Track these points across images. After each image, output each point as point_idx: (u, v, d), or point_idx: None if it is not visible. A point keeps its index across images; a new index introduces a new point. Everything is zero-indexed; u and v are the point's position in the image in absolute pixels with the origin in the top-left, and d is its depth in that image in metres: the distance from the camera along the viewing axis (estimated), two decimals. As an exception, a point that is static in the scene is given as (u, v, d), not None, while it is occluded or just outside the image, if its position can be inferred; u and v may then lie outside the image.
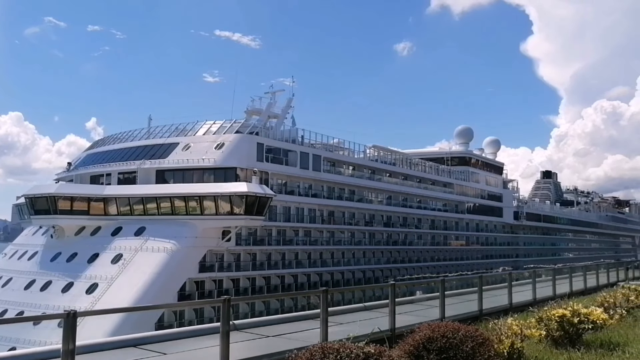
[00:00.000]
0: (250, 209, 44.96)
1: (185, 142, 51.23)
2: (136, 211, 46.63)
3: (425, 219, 77.17)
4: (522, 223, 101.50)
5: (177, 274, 43.17)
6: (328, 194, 60.61)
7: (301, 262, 55.72)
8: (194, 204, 45.55)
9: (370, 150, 71.44)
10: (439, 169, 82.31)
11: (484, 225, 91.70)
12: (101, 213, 47.06)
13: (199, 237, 45.17)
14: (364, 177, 66.09)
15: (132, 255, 42.73)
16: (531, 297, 17.66)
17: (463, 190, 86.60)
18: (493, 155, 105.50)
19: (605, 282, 25.56)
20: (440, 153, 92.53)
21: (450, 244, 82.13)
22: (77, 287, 41.23)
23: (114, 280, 40.71)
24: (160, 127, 55.51)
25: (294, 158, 55.19)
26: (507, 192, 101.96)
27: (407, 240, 72.79)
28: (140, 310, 32.25)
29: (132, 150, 53.25)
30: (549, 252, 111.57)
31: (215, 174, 48.85)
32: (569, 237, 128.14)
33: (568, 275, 23.04)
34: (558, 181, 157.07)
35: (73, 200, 46.29)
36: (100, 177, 52.69)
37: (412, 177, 75.35)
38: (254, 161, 49.92)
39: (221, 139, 50.35)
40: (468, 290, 16.94)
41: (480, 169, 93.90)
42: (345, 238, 62.72)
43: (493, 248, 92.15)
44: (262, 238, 52.02)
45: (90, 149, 61.17)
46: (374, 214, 67.54)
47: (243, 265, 49.68)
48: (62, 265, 44.04)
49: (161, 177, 49.86)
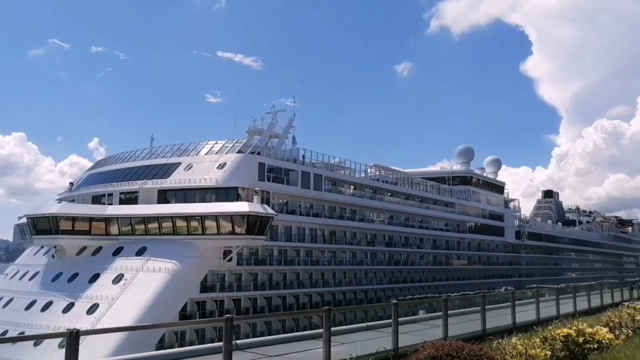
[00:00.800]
0: (252, 229, 44.87)
1: (187, 162, 51.35)
2: (138, 231, 46.54)
3: (427, 239, 76.98)
4: (524, 242, 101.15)
5: (178, 294, 42.93)
6: (329, 214, 60.55)
7: (303, 283, 55.46)
8: (195, 224, 45.44)
9: (372, 170, 71.53)
10: (441, 188, 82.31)
11: (486, 244, 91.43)
12: (103, 233, 46.97)
13: (200, 257, 45.02)
14: (365, 197, 66.04)
15: (133, 276, 42.53)
16: (535, 316, 17.55)
17: (464, 209, 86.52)
18: (494, 174, 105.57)
19: (610, 302, 25.39)
20: (441, 172, 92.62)
21: (452, 263, 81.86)
22: (78, 307, 40.96)
23: (115, 300, 40.46)
24: (162, 147, 55.67)
25: (295, 177, 55.26)
26: (509, 211, 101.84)
27: (409, 260, 72.51)
28: (143, 329, 32.02)
29: (134, 170, 53.32)
30: (552, 272, 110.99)
31: (217, 194, 48.84)
32: (572, 257, 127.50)
33: (572, 294, 22.91)
34: (560, 200, 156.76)
35: (75, 220, 46.21)
36: (102, 197, 52.65)
37: (413, 196, 75.31)
38: (255, 181, 49.98)
39: (223, 158, 50.46)
40: (471, 309, 16.84)
41: (481, 189, 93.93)
42: (347, 258, 62.50)
43: (495, 268, 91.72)
44: (263, 258, 51.84)
45: (92, 169, 61.29)
46: (375, 234, 67.37)
47: (244, 285, 49.43)
48: (63, 286, 43.82)
49: (163, 197, 49.86)
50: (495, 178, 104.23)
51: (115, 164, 56.98)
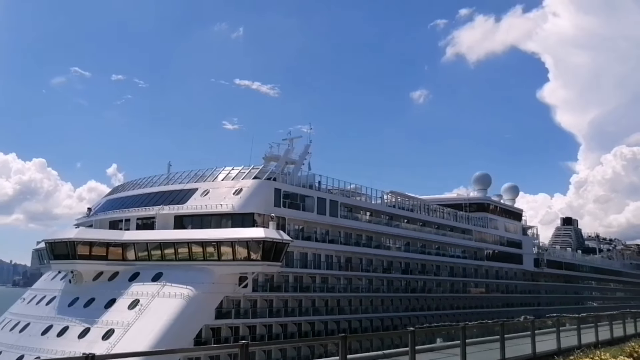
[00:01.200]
0: (267, 255, 44.79)
1: (204, 187, 51.65)
2: (154, 256, 46.68)
3: (444, 266, 76.19)
4: (543, 270, 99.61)
5: (193, 320, 42.80)
6: (345, 240, 60.29)
7: (318, 310, 54.99)
8: (211, 250, 45.48)
9: (388, 196, 71.29)
10: (457, 215, 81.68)
11: (504, 272, 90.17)
12: (119, 258, 47.15)
13: (215, 283, 44.93)
14: (381, 223, 65.73)
15: (149, 301, 42.53)
16: (555, 346, 17.21)
17: (482, 236, 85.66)
18: (511, 201, 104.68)
19: (633, 332, 24.80)
20: (458, 199, 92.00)
21: (470, 291, 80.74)
22: (94, 332, 40.97)
23: (131, 326, 40.42)
24: (179, 173, 56.13)
25: (311, 204, 55.27)
26: (527, 238, 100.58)
27: (426, 287, 71.69)
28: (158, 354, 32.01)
29: (151, 195, 53.74)
30: (572, 300, 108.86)
31: (233, 220, 48.94)
32: (593, 285, 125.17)
33: (593, 324, 22.43)
34: (579, 228, 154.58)
35: (92, 245, 46.49)
36: (119, 223, 53.03)
37: (430, 223, 74.81)
38: (271, 207, 50.05)
39: (239, 184, 50.69)
40: (489, 338, 16.56)
41: (499, 216, 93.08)
42: (362, 285, 62.00)
43: (514, 296, 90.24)
44: (278, 284, 51.60)
45: (110, 195, 61.88)
46: (392, 261, 66.86)
47: (260, 311, 49.16)
48: (79, 311, 43.91)
49: (179, 222, 50.09)
50: (512, 205, 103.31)
51: (133, 190, 57.49)
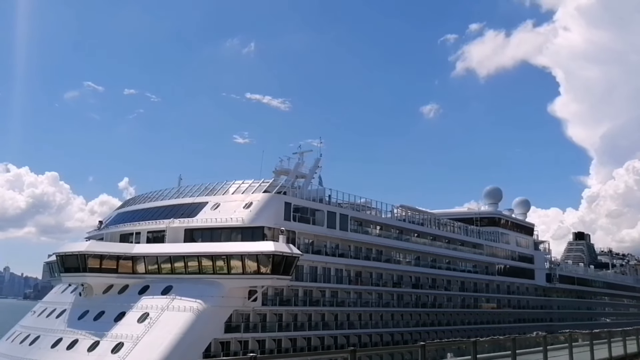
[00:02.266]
0: (277, 269, 44.73)
1: (214, 201, 51.76)
2: (164, 270, 46.73)
3: (455, 281, 75.63)
4: (555, 286, 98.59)
5: (203, 334, 42.70)
6: (355, 254, 60.06)
7: (328, 324, 54.68)
8: (221, 263, 45.47)
9: (398, 210, 71.06)
10: (468, 229, 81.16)
11: (516, 287, 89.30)
12: (129, 271, 47.23)
13: (225, 297, 44.87)
14: (391, 237, 65.44)
15: (159, 315, 42.50)
16: (568, 362, 16.98)
17: (493, 251, 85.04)
18: (523, 215, 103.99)
19: (646, 347, 24.45)
20: (469, 213, 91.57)
21: (481, 306, 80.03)
22: (103, 346, 40.94)
23: (140, 339, 40.37)
24: (189, 187, 56.35)
25: (321, 217, 55.20)
26: (539, 253, 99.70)
27: (437, 302, 71.14)
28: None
29: (162, 209, 53.91)
30: (585, 316, 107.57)
31: (243, 233, 48.94)
32: (605, 301, 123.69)
33: (607, 339, 22.15)
34: (591, 243, 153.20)
35: (102, 258, 46.61)
36: (129, 236, 53.19)
37: (440, 237, 74.40)
38: (281, 220, 50.03)
39: (249, 198, 50.76)
40: (501, 353, 16.38)
41: (510, 230, 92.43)
42: (372, 299, 61.63)
43: (526, 312, 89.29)
44: (288, 298, 51.41)
45: (121, 208, 62.19)
46: (402, 275, 66.46)
47: (269, 326, 48.94)
48: (89, 324, 43.95)
49: (189, 236, 50.17)
50: (524, 219, 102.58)
51: (144, 203, 57.74)
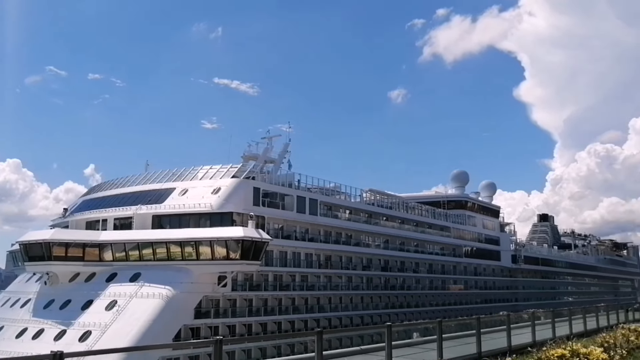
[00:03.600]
0: (247, 254, 44.66)
1: (182, 187, 51.25)
2: (132, 257, 46.24)
3: (423, 263, 76.69)
4: (520, 267, 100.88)
5: (172, 321, 42.48)
6: (325, 239, 60.35)
7: (298, 308, 55.01)
8: (190, 249, 45.20)
9: (367, 195, 71.49)
10: (436, 212, 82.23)
11: (482, 269, 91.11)
12: (96, 259, 46.61)
13: (194, 283, 44.66)
14: (360, 221, 65.92)
15: (127, 302, 42.11)
16: (530, 339, 17.47)
17: (460, 234, 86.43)
18: (489, 198, 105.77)
19: (606, 324, 25.27)
20: (436, 197, 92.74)
21: (449, 288, 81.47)
22: (70, 334, 40.44)
23: (108, 327, 39.98)
24: (157, 173, 55.63)
25: (290, 202, 55.18)
26: (505, 235, 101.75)
27: (405, 284, 72.13)
28: (131, 350, 31.54)
29: (129, 195, 53.17)
30: (549, 295, 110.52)
31: (211, 219, 48.65)
32: (568, 280, 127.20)
33: (567, 317, 22.82)
34: (555, 224, 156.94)
35: (68, 246, 45.87)
36: (96, 223, 52.35)
37: (409, 221, 75.24)
38: (250, 206, 49.86)
39: (218, 183, 50.40)
40: (466, 332, 16.73)
41: (476, 213, 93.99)
42: (342, 283, 62.13)
43: (492, 292, 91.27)
44: (258, 283, 51.48)
45: (87, 195, 61.09)
46: (371, 259, 67.10)
47: (239, 311, 48.97)
48: (55, 313, 43.31)
49: (157, 222, 49.65)
50: (490, 202, 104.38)
51: (110, 190, 56.82)
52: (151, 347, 25.13)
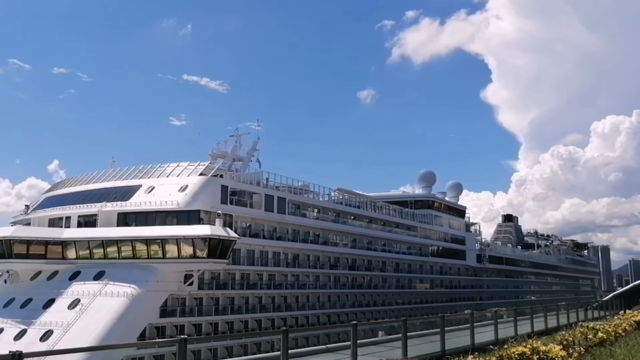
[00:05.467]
0: (214, 252, 44.38)
1: (148, 184, 50.60)
2: (96, 255, 45.50)
3: (390, 262, 77.33)
4: (485, 266, 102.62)
5: (137, 320, 41.92)
6: (293, 237, 60.32)
7: (265, 307, 54.89)
8: (155, 248, 44.71)
9: (335, 194, 71.73)
10: (403, 212, 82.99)
11: (448, 268, 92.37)
12: (59, 257, 45.73)
13: (160, 281, 44.19)
14: (328, 220, 66.11)
15: (90, 300, 41.39)
16: (493, 337, 17.81)
17: (427, 233, 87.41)
18: (455, 199, 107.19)
19: (566, 322, 25.94)
20: (403, 196, 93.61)
21: (415, 286, 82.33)
22: (31, 334, 39.54)
23: (71, 326, 39.23)
24: (123, 170, 54.78)
25: (258, 200, 55.00)
26: (470, 235, 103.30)
27: (372, 283, 72.62)
28: (94, 350, 30.99)
29: (93, 192, 52.21)
30: (512, 294, 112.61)
31: (178, 217, 48.15)
32: (531, 279, 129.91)
33: (529, 316, 23.33)
34: (519, 225, 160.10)
35: (29, 243, 44.94)
36: (59, 220, 51.29)
37: (376, 220, 75.76)
38: (218, 204, 49.51)
39: (185, 181, 49.93)
40: (431, 331, 16.98)
41: (443, 212, 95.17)
42: (310, 281, 62.20)
43: (457, 291, 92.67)
44: (225, 282, 51.18)
45: (49, 192, 59.78)
46: (338, 257, 67.35)
47: (205, 310, 48.60)
48: (15, 312, 42.29)
49: (123, 220, 48.91)
50: (456, 202, 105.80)
51: (74, 187, 55.74)
52: (115, 346, 24.74)
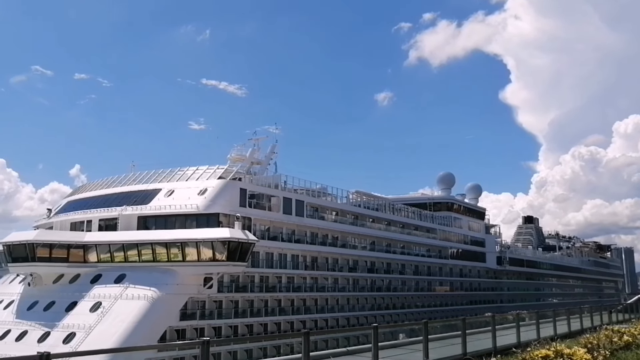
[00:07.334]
0: (233, 255, 44.53)
1: (168, 187, 51.00)
2: (117, 258, 45.92)
3: (409, 265, 76.95)
4: (505, 268, 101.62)
5: (157, 323, 42.22)
6: (311, 240, 60.32)
7: (284, 309, 54.91)
8: (175, 251, 44.99)
9: (353, 196, 71.61)
10: (422, 214, 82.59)
11: (468, 270, 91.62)
12: (81, 260, 46.24)
13: (180, 284, 44.44)
14: (347, 223, 66.00)
15: (112, 303, 41.79)
16: (515, 340, 17.59)
17: (446, 235, 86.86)
18: (475, 200, 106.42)
19: (589, 325, 25.50)
20: (422, 199, 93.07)
21: (435, 289, 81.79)
22: (54, 336, 40.07)
23: (92, 329, 39.66)
24: (143, 174, 55.30)
25: (276, 203, 55.12)
26: (490, 237, 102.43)
27: (391, 286, 72.36)
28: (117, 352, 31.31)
29: (114, 196, 52.79)
30: (533, 297, 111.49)
31: (197, 220, 48.45)
32: (553, 282, 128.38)
33: (552, 318, 23.02)
34: (540, 226, 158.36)
35: (52, 247, 45.48)
36: (80, 224, 51.94)
37: (395, 222, 75.47)
38: (236, 207, 49.72)
39: (204, 184, 50.23)
40: (452, 333, 16.83)
41: (462, 215, 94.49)
42: (328, 284, 62.15)
43: (477, 293, 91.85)
44: (244, 285, 51.34)
45: (71, 196, 60.54)
46: (357, 260, 67.20)
47: (225, 312, 48.81)
48: (39, 315, 42.89)
49: (143, 223, 49.34)
50: (476, 204, 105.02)
51: (95, 191, 56.36)
52: (137, 348, 25.00)
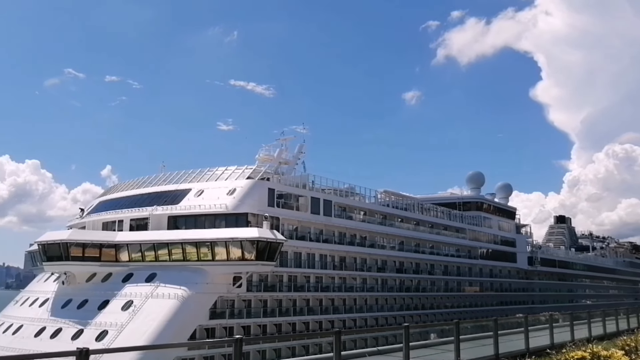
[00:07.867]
0: (262, 255, 44.75)
1: (198, 188, 51.53)
2: (147, 257, 46.57)
3: (438, 265, 76.31)
4: (536, 269, 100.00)
5: (187, 321, 42.70)
6: (339, 240, 60.24)
7: (313, 309, 54.98)
8: (205, 250, 45.42)
9: (382, 196, 71.30)
10: (451, 214, 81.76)
11: (498, 271, 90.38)
12: (112, 259, 47.02)
13: (209, 284, 44.88)
14: (375, 223, 65.73)
15: (143, 302, 42.42)
16: (549, 341, 17.28)
17: (476, 235, 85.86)
18: (505, 200, 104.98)
19: (626, 327, 24.88)
20: (452, 198, 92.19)
21: (464, 290, 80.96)
22: (87, 334, 40.84)
23: (124, 327, 40.31)
24: (173, 174, 55.99)
25: (304, 203, 55.23)
26: (521, 237, 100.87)
27: (420, 286, 71.80)
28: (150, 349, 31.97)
29: (145, 196, 53.57)
30: (566, 298, 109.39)
31: (226, 220, 48.85)
32: (586, 283, 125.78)
33: (586, 320, 22.54)
34: (572, 226, 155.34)
35: (85, 246, 46.34)
36: (112, 224, 52.83)
37: (424, 222, 74.87)
38: (265, 207, 49.98)
39: (233, 184, 50.61)
40: (483, 334, 16.60)
41: (492, 214, 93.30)
42: (357, 284, 62.01)
43: (508, 294, 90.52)
44: (273, 284, 51.55)
45: (103, 196, 61.62)
46: (386, 260, 66.88)
47: (254, 312, 49.10)
48: (72, 312, 43.77)
49: (173, 223, 49.93)
50: (506, 204, 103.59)
51: (126, 191, 57.27)
52: (169, 345, 25.32)
